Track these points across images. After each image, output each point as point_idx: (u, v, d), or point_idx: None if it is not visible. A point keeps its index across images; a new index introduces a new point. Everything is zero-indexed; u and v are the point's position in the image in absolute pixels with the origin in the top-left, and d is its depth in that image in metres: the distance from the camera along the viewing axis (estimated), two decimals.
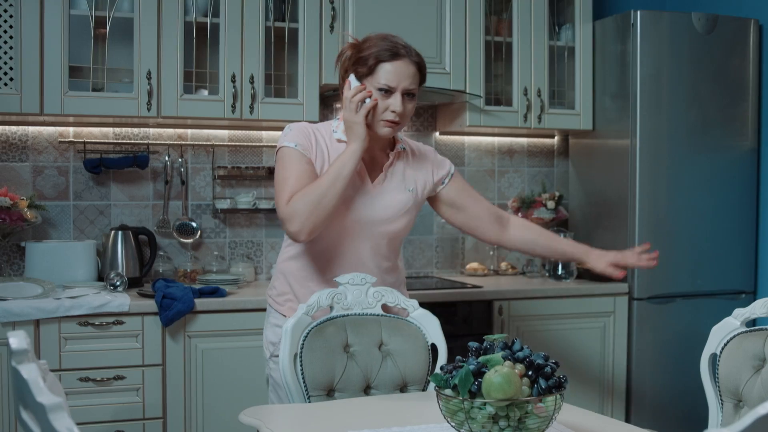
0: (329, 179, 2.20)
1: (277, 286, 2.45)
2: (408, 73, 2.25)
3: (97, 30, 3.30)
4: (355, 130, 2.24)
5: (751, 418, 1.08)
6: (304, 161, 2.28)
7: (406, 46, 2.29)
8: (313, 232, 2.21)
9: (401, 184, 2.38)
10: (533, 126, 3.86)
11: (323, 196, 2.18)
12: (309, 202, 2.18)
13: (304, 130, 2.34)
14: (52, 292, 3.08)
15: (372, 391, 2.25)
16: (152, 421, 3.06)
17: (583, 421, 1.90)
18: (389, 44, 2.26)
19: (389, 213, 2.35)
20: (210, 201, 3.71)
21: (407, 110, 2.28)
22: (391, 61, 2.24)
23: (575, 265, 3.83)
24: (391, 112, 2.25)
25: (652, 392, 3.74)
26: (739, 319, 2.13)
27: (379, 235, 2.35)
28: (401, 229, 2.38)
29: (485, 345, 1.66)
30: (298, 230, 2.20)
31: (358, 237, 2.33)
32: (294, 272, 2.39)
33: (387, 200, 2.35)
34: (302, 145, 2.29)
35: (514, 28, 3.84)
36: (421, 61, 2.31)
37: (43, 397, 1.12)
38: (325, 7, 3.49)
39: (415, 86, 2.28)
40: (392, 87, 2.24)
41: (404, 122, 2.31)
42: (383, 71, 2.24)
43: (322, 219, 2.20)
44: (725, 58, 3.83)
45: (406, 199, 2.38)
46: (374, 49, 2.25)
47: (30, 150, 3.49)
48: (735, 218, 3.87)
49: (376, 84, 2.24)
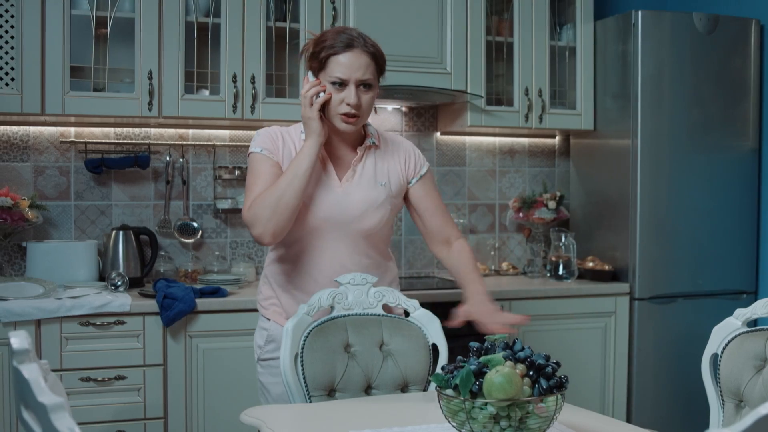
0: (286, 179, 2.19)
1: (263, 290, 2.45)
2: (360, 64, 2.22)
3: (98, 30, 3.30)
4: (310, 125, 2.23)
5: (752, 418, 1.07)
6: (270, 164, 2.27)
7: (359, 37, 2.25)
8: (277, 233, 2.20)
9: (372, 179, 2.34)
10: (534, 126, 3.86)
11: (282, 197, 2.17)
12: (268, 204, 2.18)
13: (271, 134, 2.33)
14: (53, 292, 3.08)
15: (373, 392, 2.25)
16: (153, 421, 3.06)
17: (584, 421, 1.90)
18: (342, 37, 2.23)
19: (359, 210, 2.31)
20: (211, 201, 3.72)
21: (364, 102, 2.25)
22: (343, 53, 2.21)
23: (576, 266, 3.83)
24: (346, 105, 2.22)
25: (653, 392, 3.74)
26: (741, 319, 2.13)
27: (354, 234, 2.31)
28: (375, 225, 2.33)
29: (486, 345, 1.66)
30: (261, 233, 2.19)
31: (332, 237, 2.30)
32: (276, 276, 2.39)
33: (356, 197, 2.31)
34: (268, 149, 2.29)
35: (515, 28, 3.84)
36: (377, 51, 2.27)
37: (44, 397, 1.12)
38: (326, 7, 3.49)
39: (370, 76, 2.24)
40: (344, 79, 2.21)
41: (364, 115, 2.27)
42: (334, 64, 2.22)
43: (283, 219, 2.18)
44: (726, 58, 3.83)
45: (377, 195, 2.34)
46: (327, 42, 2.23)
47: (31, 150, 3.49)
48: (736, 218, 3.86)
49: (329, 78, 2.22)
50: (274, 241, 2.23)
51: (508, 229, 4.22)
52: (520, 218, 4.10)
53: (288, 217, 2.19)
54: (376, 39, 2.35)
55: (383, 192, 2.35)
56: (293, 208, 2.19)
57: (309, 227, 2.29)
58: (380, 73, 2.30)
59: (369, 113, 2.30)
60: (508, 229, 4.22)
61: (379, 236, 2.38)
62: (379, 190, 2.34)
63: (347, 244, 2.32)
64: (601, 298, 3.69)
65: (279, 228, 2.19)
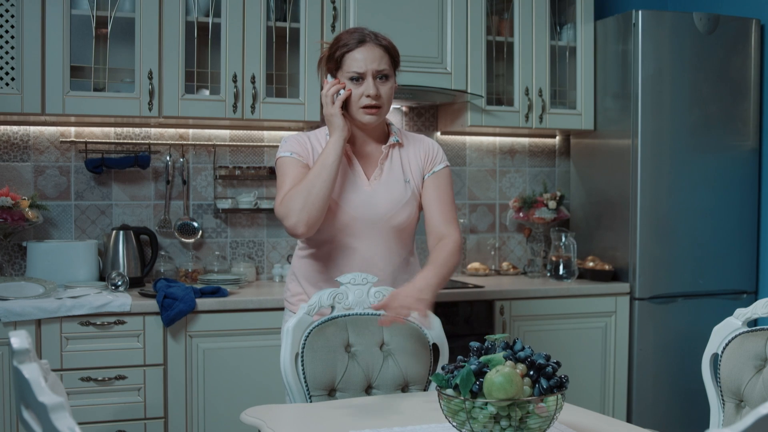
0: (314, 171, 2.26)
1: (291, 287, 2.50)
2: (374, 56, 2.29)
3: (98, 30, 3.30)
4: (333, 122, 2.30)
5: (752, 418, 1.07)
6: (300, 166, 2.34)
7: (371, 34, 2.33)
8: (310, 223, 2.24)
9: (399, 176, 2.40)
10: (534, 126, 3.86)
11: (311, 187, 2.23)
12: (299, 195, 2.24)
13: (299, 138, 2.40)
14: (53, 292, 3.08)
15: (373, 391, 2.25)
16: (153, 421, 3.06)
17: (585, 421, 1.90)
18: (355, 35, 2.32)
19: (389, 208, 2.36)
20: (211, 201, 3.72)
21: (383, 92, 2.32)
22: (356, 48, 2.29)
23: (576, 265, 3.83)
24: (366, 97, 2.29)
25: (654, 392, 3.74)
26: (741, 319, 2.13)
27: (385, 231, 2.37)
28: (404, 221, 2.39)
29: (487, 345, 1.66)
30: (294, 224, 2.25)
31: (364, 235, 2.35)
32: (305, 273, 2.44)
33: (385, 195, 2.37)
34: (297, 152, 2.36)
35: (515, 28, 3.84)
36: (389, 44, 2.34)
37: (44, 396, 1.13)
38: (327, 6, 3.49)
39: (385, 67, 2.31)
40: (361, 72, 2.29)
41: (385, 105, 2.34)
42: (350, 60, 2.30)
43: (315, 210, 2.23)
44: (726, 57, 3.83)
45: (405, 192, 2.40)
46: (341, 42, 2.32)
47: (31, 150, 3.49)
48: (736, 218, 3.86)
49: (347, 74, 2.30)
50: (308, 232, 2.27)
51: (508, 229, 4.22)
52: (521, 218, 4.10)
53: (320, 208, 2.24)
54: None
55: (409, 189, 2.41)
56: (324, 199, 2.24)
57: (339, 226, 2.34)
58: (395, 65, 2.37)
59: (390, 104, 2.37)
60: (509, 229, 4.22)
61: (408, 233, 2.44)
62: (405, 187, 2.40)
63: (377, 242, 2.37)
64: (601, 298, 3.69)
65: (312, 218, 2.24)
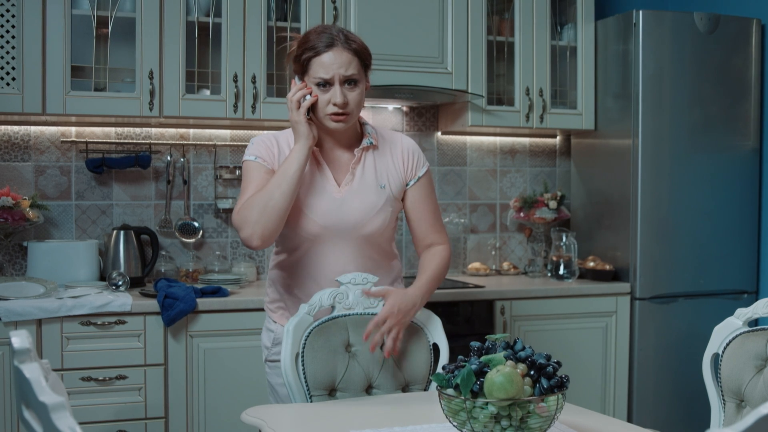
0: (275, 182, 2.17)
1: (270, 293, 2.45)
2: (342, 61, 2.18)
3: (99, 30, 3.30)
4: (298, 129, 2.20)
5: (753, 417, 1.07)
6: (262, 171, 2.25)
7: (340, 34, 2.21)
8: (265, 236, 2.16)
9: (372, 182, 2.31)
10: (535, 126, 3.86)
11: (269, 199, 2.15)
12: (256, 206, 2.16)
13: (266, 141, 2.31)
14: (54, 292, 3.08)
15: (374, 391, 2.25)
16: (154, 421, 3.06)
17: (585, 421, 1.90)
18: (323, 37, 2.20)
19: (359, 216, 2.28)
20: (212, 201, 3.72)
21: (351, 99, 2.21)
22: (323, 53, 2.18)
23: (577, 265, 3.83)
24: (332, 105, 2.20)
25: (654, 392, 3.74)
26: (741, 319, 2.13)
27: (356, 238, 2.29)
28: (377, 229, 2.30)
29: (487, 345, 1.66)
30: (249, 235, 2.17)
31: (334, 243, 2.28)
32: (281, 280, 2.39)
33: (356, 203, 2.28)
34: (261, 156, 2.28)
35: (516, 28, 3.84)
36: (359, 46, 2.22)
37: (45, 396, 1.12)
38: (327, 6, 3.49)
39: (353, 72, 2.20)
40: (327, 79, 2.18)
41: (353, 112, 2.23)
42: (316, 65, 2.19)
43: (271, 222, 2.16)
44: (727, 57, 3.83)
45: (378, 199, 2.30)
46: (309, 44, 2.21)
47: (32, 150, 3.49)
48: (737, 218, 3.86)
49: (313, 79, 2.20)
50: (263, 245, 2.19)
51: (509, 229, 4.22)
52: (521, 218, 4.10)
53: (276, 220, 2.16)
54: (376, 38, 2.36)
55: (383, 195, 2.31)
56: (282, 211, 2.16)
57: (309, 234, 2.27)
58: (366, 68, 2.26)
59: (359, 110, 2.27)
60: (509, 229, 4.22)
61: (383, 237, 2.35)
62: (379, 193, 2.31)
63: (349, 249, 2.29)
64: (601, 298, 3.69)
65: (267, 231, 2.16)
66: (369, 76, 2.29)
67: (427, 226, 2.38)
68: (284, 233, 2.28)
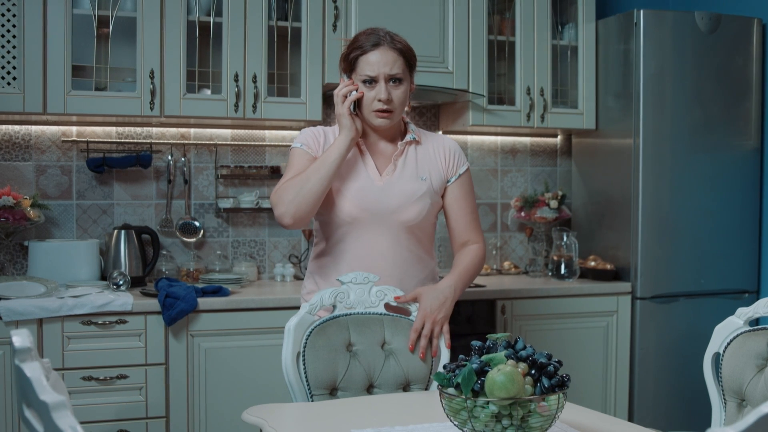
0: (314, 166, 2.29)
1: (307, 285, 2.53)
2: (387, 60, 2.31)
3: (100, 29, 3.30)
4: (341, 122, 2.33)
5: (754, 416, 1.07)
6: (307, 158, 2.37)
7: (386, 35, 2.34)
8: (297, 216, 2.28)
9: (414, 173, 2.41)
10: (536, 125, 3.86)
11: (306, 182, 2.27)
12: (293, 188, 2.28)
13: (314, 131, 2.44)
14: (55, 292, 3.08)
15: (375, 390, 2.25)
16: (155, 420, 3.06)
17: (586, 420, 1.90)
18: (371, 37, 2.33)
19: (398, 202, 2.36)
20: (213, 200, 3.72)
21: (396, 96, 2.33)
22: (370, 51, 2.31)
23: (578, 265, 3.83)
24: (378, 102, 2.31)
25: (655, 391, 3.73)
26: (742, 319, 2.13)
27: (394, 226, 2.37)
28: (414, 217, 2.38)
29: (488, 344, 1.66)
30: (282, 213, 2.30)
31: (373, 229, 2.36)
32: (319, 269, 2.46)
33: (396, 190, 2.37)
34: (307, 144, 2.40)
35: (517, 28, 3.84)
36: (404, 46, 2.36)
37: (46, 395, 1.13)
38: (328, 6, 3.49)
39: (399, 71, 2.32)
40: (373, 76, 2.31)
41: (397, 109, 2.35)
42: (363, 63, 2.32)
43: (305, 204, 2.27)
44: (728, 57, 3.83)
45: (418, 188, 2.39)
46: (357, 44, 2.34)
47: (33, 149, 3.49)
48: (738, 217, 3.86)
49: (360, 77, 2.33)
50: (294, 225, 2.30)
51: (510, 229, 4.22)
52: (522, 217, 4.10)
53: (310, 202, 2.27)
54: None
55: (423, 186, 2.40)
56: (317, 195, 2.27)
57: (348, 217, 2.35)
58: (411, 68, 2.38)
59: (403, 107, 2.38)
60: (510, 229, 4.22)
61: (421, 231, 2.43)
62: (419, 183, 2.40)
63: (387, 237, 2.37)
64: (602, 298, 3.69)
65: (300, 211, 2.27)
66: (414, 77, 2.41)
67: (464, 224, 2.47)
68: (324, 219, 2.40)
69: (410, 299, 2.30)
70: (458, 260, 2.45)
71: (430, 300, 2.28)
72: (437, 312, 2.27)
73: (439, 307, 2.28)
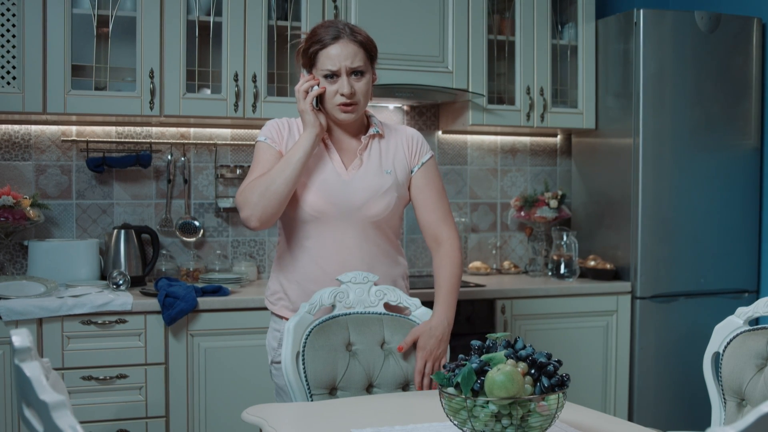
0: (279, 167, 2.25)
1: (271, 285, 2.47)
2: (347, 53, 2.25)
3: (99, 29, 3.30)
4: (304, 118, 2.29)
5: (754, 416, 1.07)
6: (270, 153, 2.34)
7: (346, 27, 2.29)
8: (263, 219, 2.25)
9: (378, 167, 2.36)
10: (536, 125, 3.86)
11: (271, 183, 2.23)
12: (257, 189, 2.24)
13: (278, 124, 2.40)
14: (54, 291, 3.08)
15: (374, 390, 2.25)
16: (155, 420, 3.06)
17: (586, 420, 1.90)
18: (330, 30, 2.28)
19: (364, 197, 2.32)
20: (212, 200, 3.72)
21: (358, 89, 2.28)
22: (330, 45, 2.26)
23: (578, 264, 3.83)
24: (340, 96, 2.27)
25: (655, 391, 3.74)
26: (742, 318, 2.13)
27: (360, 221, 2.32)
28: (381, 211, 2.33)
29: (488, 343, 1.66)
30: (248, 216, 2.26)
31: (339, 225, 2.32)
32: (284, 269, 2.41)
33: (362, 185, 2.33)
34: (271, 137, 2.36)
35: (516, 27, 3.84)
36: (364, 38, 2.30)
37: (46, 394, 1.13)
38: (328, 6, 3.49)
39: (360, 63, 2.27)
40: (334, 70, 2.26)
41: (360, 102, 2.30)
42: (323, 57, 2.27)
43: (271, 205, 2.23)
44: (728, 56, 3.83)
45: (383, 182, 2.35)
46: (316, 38, 2.29)
47: (33, 149, 3.49)
48: (738, 217, 3.86)
49: (321, 71, 2.28)
50: (260, 226, 2.27)
51: (509, 228, 4.22)
52: (522, 217, 4.10)
53: (276, 204, 2.24)
54: (377, 37, 2.38)
55: (389, 179, 2.36)
56: (282, 196, 2.24)
57: (314, 211, 2.31)
58: (372, 59, 2.33)
59: (366, 100, 2.33)
60: (510, 228, 4.22)
61: (388, 225, 2.38)
62: (384, 177, 2.36)
63: (354, 232, 2.33)
64: (602, 297, 3.69)
65: (266, 214, 2.24)
66: (375, 68, 2.36)
67: (432, 214, 2.41)
68: (289, 214, 2.35)
69: (410, 342, 2.27)
70: (439, 276, 2.37)
71: (428, 340, 2.26)
72: (437, 349, 2.27)
73: (437, 344, 2.27)
